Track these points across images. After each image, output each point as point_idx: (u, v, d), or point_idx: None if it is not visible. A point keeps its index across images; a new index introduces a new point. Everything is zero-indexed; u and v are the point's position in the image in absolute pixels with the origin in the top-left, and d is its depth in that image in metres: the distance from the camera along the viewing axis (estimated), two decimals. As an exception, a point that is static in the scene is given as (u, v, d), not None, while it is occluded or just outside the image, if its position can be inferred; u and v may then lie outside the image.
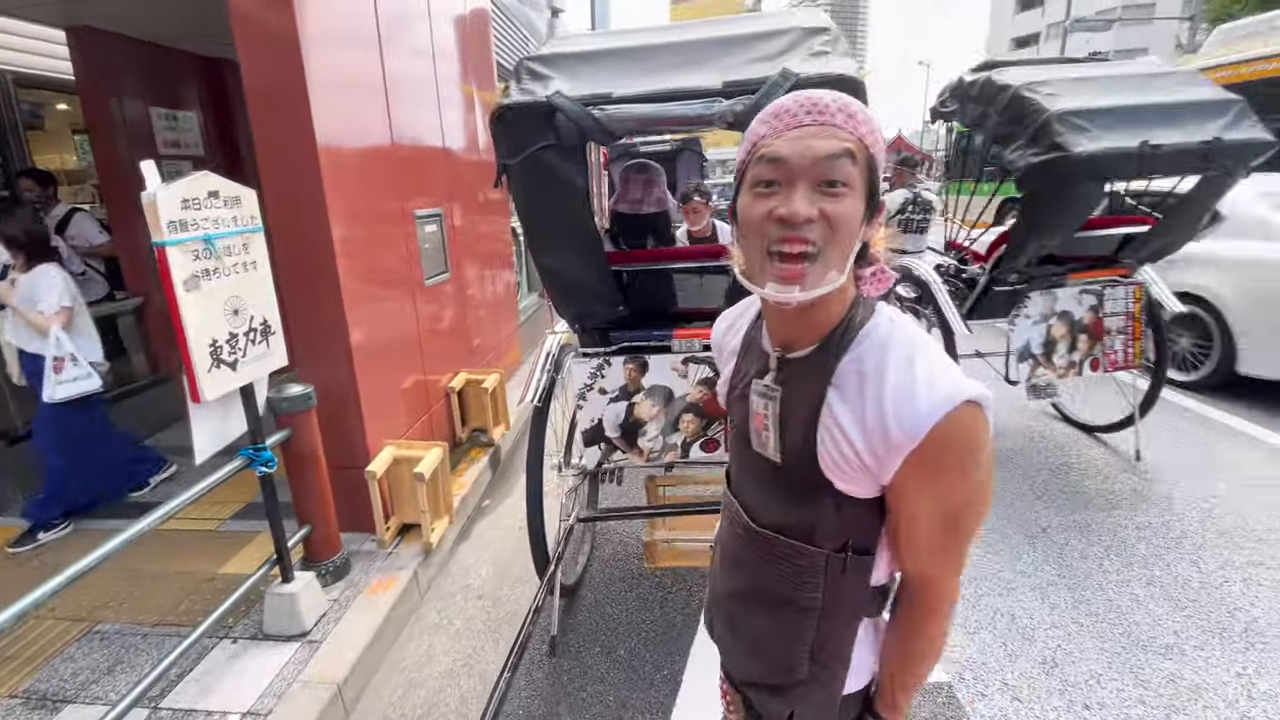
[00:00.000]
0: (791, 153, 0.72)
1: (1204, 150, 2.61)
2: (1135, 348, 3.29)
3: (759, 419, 0.87)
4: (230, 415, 2.03)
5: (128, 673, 2.14)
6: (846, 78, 1.62)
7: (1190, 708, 1.94)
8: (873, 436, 0.73)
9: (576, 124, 1.69)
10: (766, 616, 0.91)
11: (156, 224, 1.71)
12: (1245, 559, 2.64)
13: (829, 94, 0.75)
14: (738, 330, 1.00)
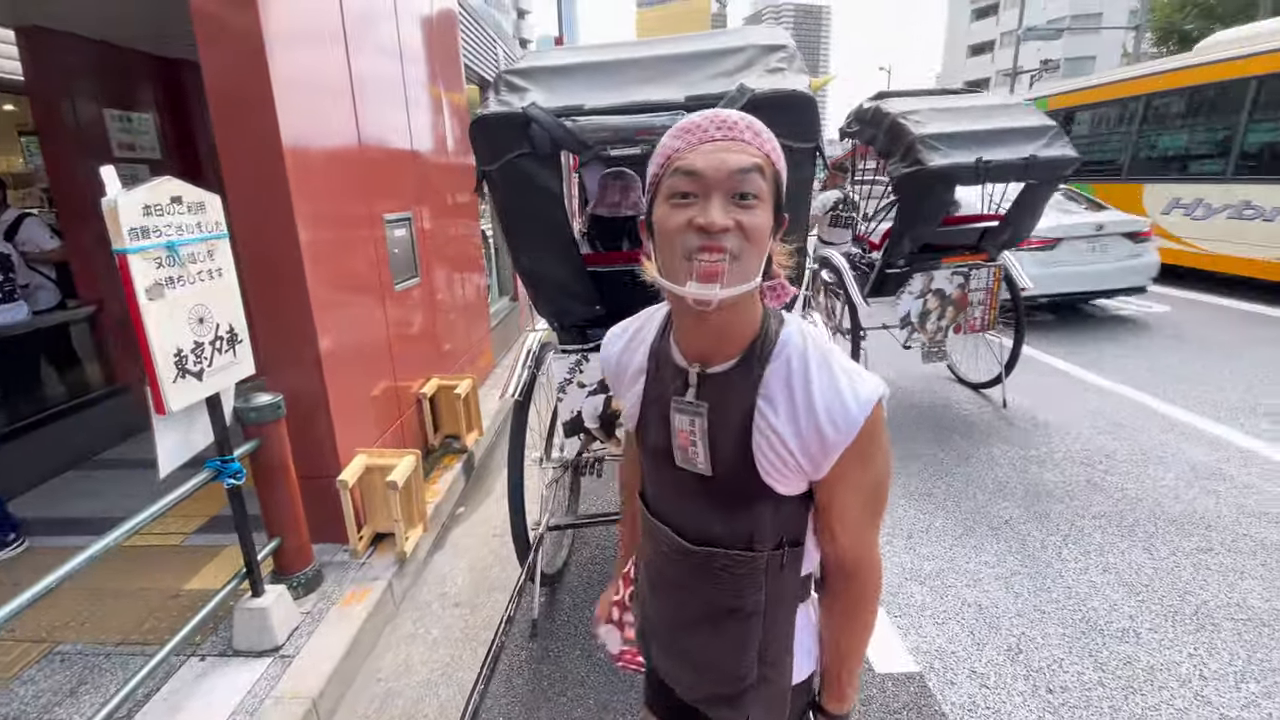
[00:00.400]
0: (706, 166, 0.74)
1: (1023, 164, 3.47)
2: (991, 315, 4.20)
3: (684, 436, 0.87)
4: (195, 427, 1.97)
5: (92, 694, 2.06)
6: (798, 93, 1.74)
7: (1146, 688, 2.04)
8: (808, 440, 0.78)
9: (550, 134, 1.80)
10: (711, 632, 0.92)
11: (117, 231, 1.67)
12: (1194, 545, 2.77)
13: (736, 113, 0.79)
14: (637, 348, 0.96)
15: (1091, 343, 5.94)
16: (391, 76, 3.61)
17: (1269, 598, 2.43)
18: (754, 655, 0.90)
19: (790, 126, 1.70)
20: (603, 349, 1.02)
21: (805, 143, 1.77)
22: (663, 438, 0.90)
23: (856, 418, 0.77)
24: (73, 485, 3.55)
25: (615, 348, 1.01)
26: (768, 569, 0.87)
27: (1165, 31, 23.15)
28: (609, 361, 1.01)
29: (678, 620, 0.96)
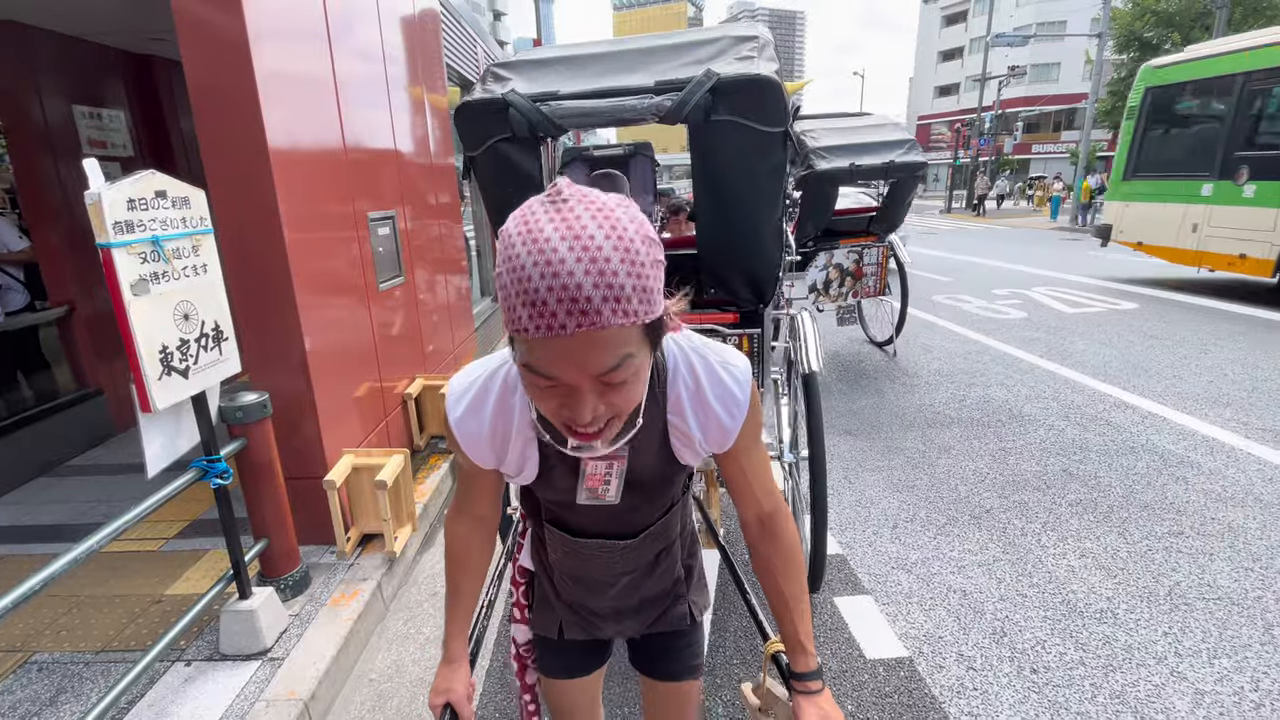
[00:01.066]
0: (565, 374, 0.62)
1: (885, 167, 4.48)
2: (880, 283, 5.34)
3: (596, 479, 0.90)
4: (182, 426, 1.94)
5: (72, 703, 2.01)
6: (764, 77, 1.76)
7: (1125, 666, 2.11)
8: (711, 433, 0.87)
9: (526, 118, 1.87)
10: (656, 574, 1.07)
11: (101, 225, 1.63)
12: (1166, 530, 2.87)
13: (583, 265, 0.56)
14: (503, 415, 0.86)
15: (1064, 340, 6.10)
16: (375, 76, 3.58)
17: (1237, 577, 2.53)
18: (680, 564, 1.10)
19: (757, 111, 1.76)
20: (457, 425, 0.87)
21: (773, 127, 1.79)
22: (569, 485, 0.91)
23: (743, 400, 0.85)
24: (43, 492, 3.45)
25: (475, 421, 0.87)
26: (683, 505, 1.06)
27: (1126, 39, 23.91)
28: (473, 435, 0.87)
29: (629, 589, 1.07)
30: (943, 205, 29.04)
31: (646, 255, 0.60)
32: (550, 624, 1.14)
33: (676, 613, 1.12)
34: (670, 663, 1.17)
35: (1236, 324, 6.42)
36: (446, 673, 1.03)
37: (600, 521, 0.98)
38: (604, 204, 0.60)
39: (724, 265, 2.07)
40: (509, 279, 0.59)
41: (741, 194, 1.92)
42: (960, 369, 5.32)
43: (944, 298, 8.39)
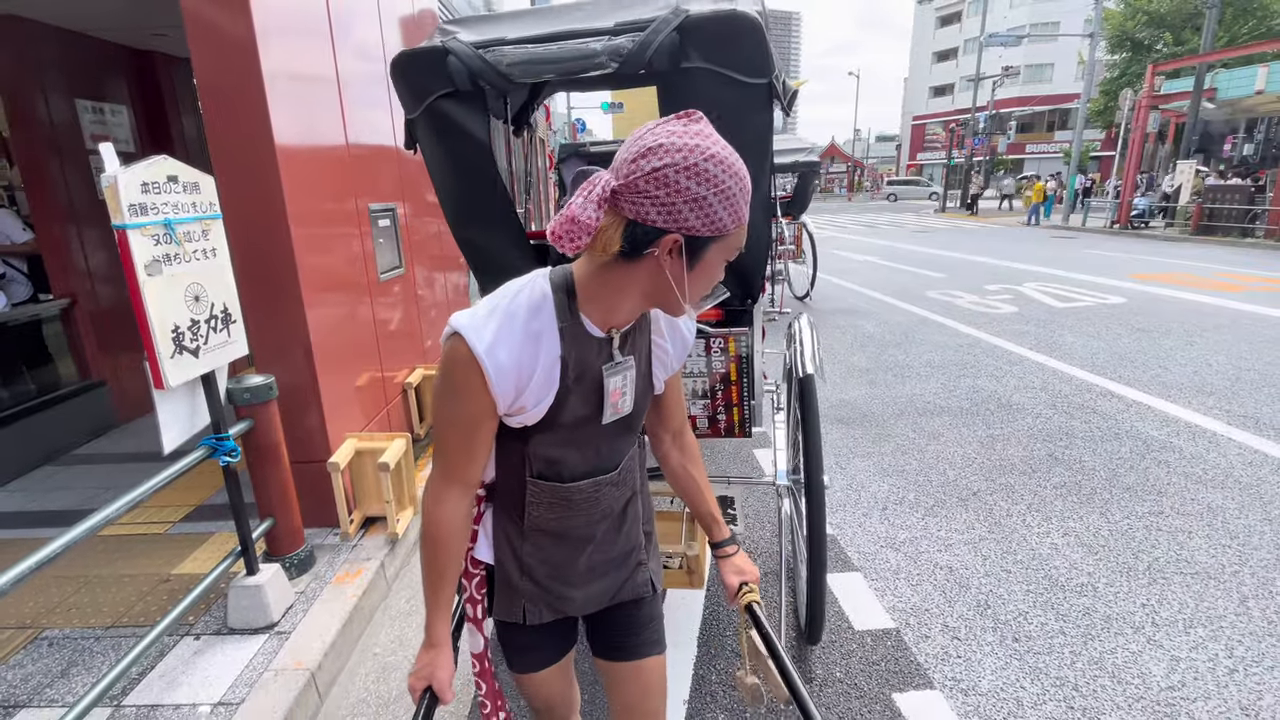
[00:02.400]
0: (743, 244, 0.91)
1: (793, 165, 6.76)
2: (798, 250, 7.84)
3: (617, 394, 0.99)
4: (195, 405, 2.00)
5: (84, 674, 2.07)
6: (740, 14, 1.46)
7: (1103, 634, 2.19)
8: (677, 346, 1.06)
9: (467, 66, 1.57)
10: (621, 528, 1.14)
11: (116, 207, 1.69)
12: (1146, 509, 2.96)
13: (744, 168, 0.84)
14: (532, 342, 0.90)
15: (1053, 333, 6.20)
16: (375, 75, 3.65)
17: (1214, 553, 2.62)
18: (642, 523, 1.18)
19: (734, 57, 1.48)
20: (488, 354, 0.87)
21: (755, 78, 1.50)
22: (589, 407, 0.97)
23: (694, 324, 1.09)
24: (47, 480, 3.50)
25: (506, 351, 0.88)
26: (639, 452, 1.15)
27: (1118, 39, 24.13)
28: (502, 366, 0.88)
29: (602, 546, 1.12)
30: (938, 205, 29.20)
31: None
32: (514, 610, 1.11)
33: (639, 579, 1.17)
34: (632, 638, 1.18)
35: (1223, 317, 6.53)
36: (428, 657, 1.02)
37: (589, 459, 1.03)
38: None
39: None
40: (737, 186, 0.81)
41: None
42: (951, 361, 5.41)
43: (937, 293, 8.49)
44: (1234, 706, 1.89)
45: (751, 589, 1.16)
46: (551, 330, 0.90)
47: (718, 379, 2.02)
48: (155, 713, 1.91)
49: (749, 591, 1.15)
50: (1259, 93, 14.87)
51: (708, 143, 0.80)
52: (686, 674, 2.07)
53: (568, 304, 0.91)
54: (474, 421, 0.94)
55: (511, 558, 1.09)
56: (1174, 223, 15.70)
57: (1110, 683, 1.99)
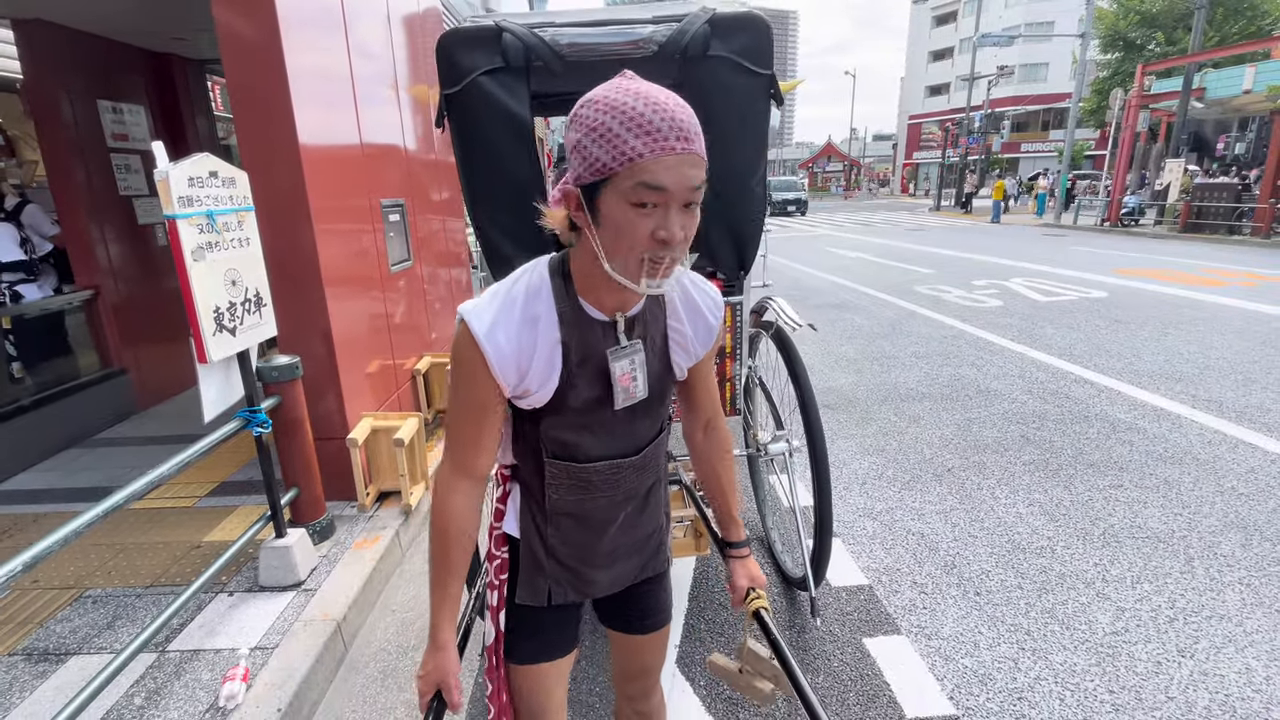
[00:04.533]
0: (672, 183, 0.78)
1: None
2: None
3: (626, 377, 0.97)
4: (231, 380, 2.21)
5: (128, 626, 2.27)
6: (757, 16, 1.84)
7: (1057, 589, 2.41)
8: (701, 332, 1.04)
9: (523, 41, 1.72)
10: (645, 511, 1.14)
11: (168, 199, 1.90)
12: (1107, 483, 3.18)
13: (680, 108, 0.79)
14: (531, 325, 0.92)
15: (1035, 325, 6.43)
16: (384, 73, 3.85)
17: (1166, 520, 2.84)
18: (662, 505, 1.19)
19: (747, 48, 1.81)
20: (487, 338, 0.89)
21: (761, 68, 1.83)
22: (597, 390, 0.96)
23: (721, 304, 1.06)
24: (75, 461, 3.70)
25: (505, 335, 0.90)
26: (665, 438, 1.13)
27: (1111, 38, 24.39)
28: (502, 350, 0.90)
29: (626, 527, 1.11)
30: (932, 203, 29.44)
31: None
32: (538, 591, 1.10)
33: (659, 558, 1.20)
34: (649, 616, 1.23)
35: (1200, 310, 6.76)
36: (435, 658, 0.98)
37: (606, 443, 1.01)
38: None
39: (710, 224, 1.94)
40: (614, 120, 0.77)
41: (731, 143, 1.87)
42: (935, 351, 5.63)
43: (925, 288, 8.71)
44: (1171, 649, 2.11)
45: (759, 595, 1.16)
46: (550, 314, 0.92)
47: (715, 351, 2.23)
48: (198, 656, 2.11)
49: (757, 598, 1.16)
50: (1247, 92, 15.11)
51: (597, 90, 0.80)
52: (679, 623, 2.29)
53: (564, 287, 0.92)
54: (482, 407, 0.94)
55: (537, 538, 1.08)
56: (1163, 220, 15.96)
57: (1060, 629, 2.21)
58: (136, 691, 1.96)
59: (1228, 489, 3.09)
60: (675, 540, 2.24)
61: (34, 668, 2.10)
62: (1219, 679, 1.98)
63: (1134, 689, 1.95)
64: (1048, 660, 2.07)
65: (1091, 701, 1.90)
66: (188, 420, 4.02)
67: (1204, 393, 4.33)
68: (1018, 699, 1.92)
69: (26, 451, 3.61)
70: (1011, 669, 2.04)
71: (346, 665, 2.21)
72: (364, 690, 2.09)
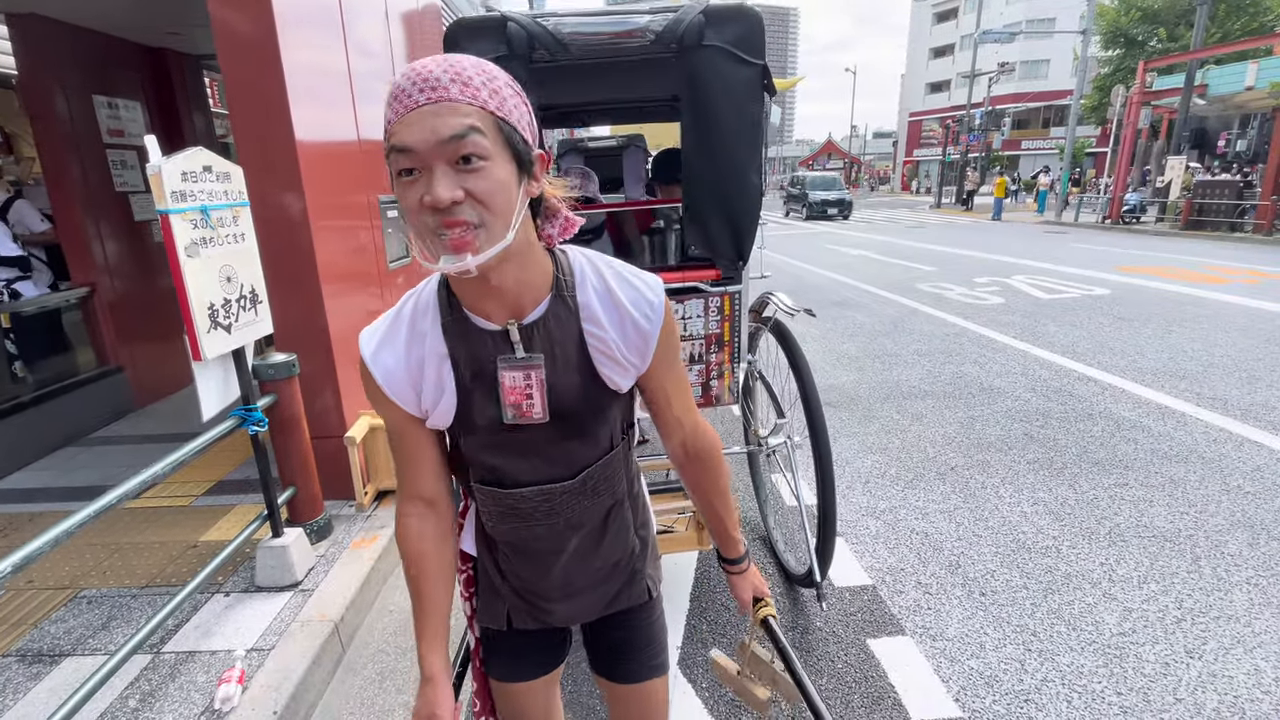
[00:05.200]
0: (417, 140, 0.69)
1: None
2: None
3: (517, 393, 0.86)
4: (229, 378, 2.18)
5: (123, 627, 2.24)
6: (748, 8, 1.90)
7: (1063, 589, 2.38)
8: (631, 338, 0.87)
9: (527, 31, 1.83)
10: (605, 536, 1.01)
11: (160, 193, 1.86)
12: (1112, 481, 3.15)
13: (440, 64, 0.71)
14: (418, 342, 0.87)
15: (1037, 323, 6.40)
16: (383, 70, 3.81)
17: (1172, 519, 2.81)
18: (633, 530, 1.04)
19: (740, 38, 1.88)
20: (372, 360, 0.87)
21: (753, 58, 1.89)
22: (492, 412, 0.88)
23: (659, 305, 0.87)
24: (72, 459, 3.67)
25: (391, 354, 0.87)
26: (626, 455, 1.00)
27: (1112, 35, 24.31)
28: (390, 370, 0.87)
29: (579, 558, 1.00)
30: (933, 201, 29.39)
31: (504, 79, 0.75)
32: (497, 614, 1.04)
33: (633, 589, 1.06)
34: (631, 661, 1.10)
35: (1204, 308, 6.73)
36: (427, 694, 0.92)
37: (536, 466, 0.92)
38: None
39: (709, 214, 2.05)
40: (386, 98, 0.73)
41: (728, 133, 1.94)
42: (937, 349, 5.60)
43: (928, 286, 8.68)
44: (1179, 650, 2.08)
45: (767, 603, 1.14)
46: (435, 328, 0.87)
47: (713, 340, 2.21)
48: (193, 658, 2.08)
49: (764, 606, 1.13)
50: (1249, 89, 15.06)
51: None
52: (678, 623, 2.26)
53: (448, 298, 0.86)
54: (398, 429, 0.92)
55: (490, 561, 1.04)
56: (1165, 218, 15.91)
57: (1066, 629, 2.18)
58: (131, 694, 1.94)
59: (1234, 487, 3.06)
60: (673, 535, 2.21)
61: (28, 669, 2.07)
62: (1228, 680, 1.95)
63: (1142, 690, 1.92)
64: (1054, 662, 2.04)
65: (1099, 704, 1.88)
66: (185, 419, 4.00)
67: (1208, 390, 4.30)
68: (1024, 701, 1.90)
69: (23, 450, 3.58)
70: (1018, 670, 2.01)
71: (344, 666, 2.18)
72: (362, 692, 2.06)
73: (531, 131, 0.78)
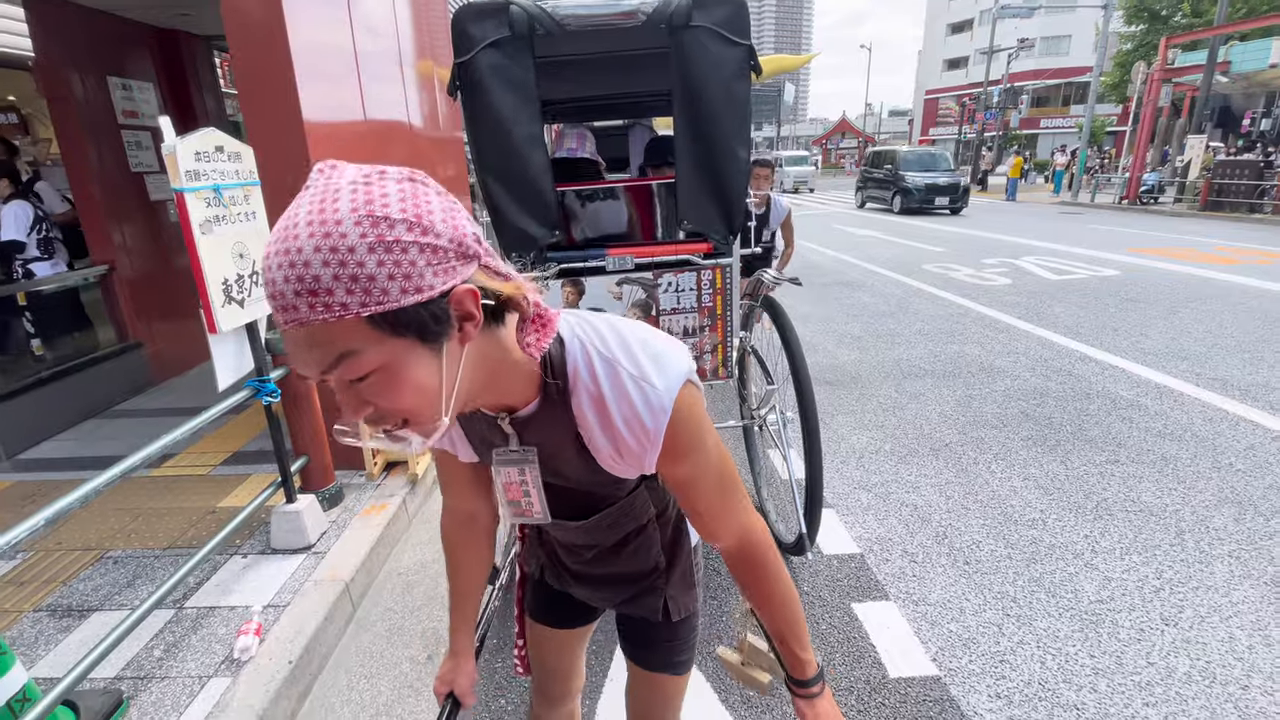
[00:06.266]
0: (300, 365, 0.59)
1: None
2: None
3: (513, 489, 0.85)
4: (243, 351, 2.28)
5: (147, 585, 2.38)
6: None
7: (1046, 559, 2.45)
8: (622, 449, 0.77)
9: (527, 12, 1.98)
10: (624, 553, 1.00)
11: (175, 172, 1.95)
12: (1104, 459, 3.20)
13: (283, 268, 0.53)
14: None
15: (1043, 304, 6.39)
16: (389, 51, 3.86)
17: (1160, 495, 2.86)
18: (659, 549, 1.01)
19: (726, 19, 1.99)
20: None
21: (739, 38, 2.01)
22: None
23: (653, 429, 0.74)
24: (95, 431, 3.82)
25: None
26: (649, 491, 0.95)
27: (1135, 9, 23.65)
28: None
29: (598, 562, 1.02)
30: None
31: (363, 240, 0.53)
32: (535, 561, 1.13)
33: (649, 602, 1.04)
34: (651, 652, 1.10)
35: (1211, 289, 6.68)
36: (451, 664, 1.08)
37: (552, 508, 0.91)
38: (338, 186, 0.55)
39: (699, 189, 2.15)
40: None
41: (716, 109, 2.06)
42: (940, 329, 5.62)
43: (934, 267, 8.65)
44: (1155, 618, 2.16)
45: None
46: None
47: (706, 314, 2.29)
48: (213, 613, 2.22)
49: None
50: (1274, 66, 14.69)
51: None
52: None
53: None
54: (435, 453, 0.97)
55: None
56: (1183, 198, 15.64)
57: (1045, 596, 2.26)
58: (156, 644, 2.07)
59: (1225, 465, 3.11)
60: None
61: (59, 622, 2.21)
62: (1201, 646, 2.02)
63: (1115, 654, 2.00)
64: (1031, 626, 2.12)
65: (1072, 665, 1.96)
66: (202, 393, 4.13)
67: (1210, 371, 4.31)
68: (999, 661, 1.98)
69: (49, 421, 3.73)
70: (995, 634, 2.09)
71: (355, 623, 2.31)
72: (371, 646, 2.19)
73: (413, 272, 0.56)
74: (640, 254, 2.25)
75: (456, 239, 0.58)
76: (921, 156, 17.32)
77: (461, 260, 0.59)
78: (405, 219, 0.55)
